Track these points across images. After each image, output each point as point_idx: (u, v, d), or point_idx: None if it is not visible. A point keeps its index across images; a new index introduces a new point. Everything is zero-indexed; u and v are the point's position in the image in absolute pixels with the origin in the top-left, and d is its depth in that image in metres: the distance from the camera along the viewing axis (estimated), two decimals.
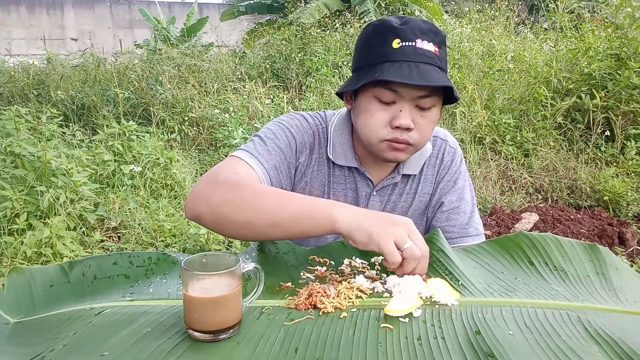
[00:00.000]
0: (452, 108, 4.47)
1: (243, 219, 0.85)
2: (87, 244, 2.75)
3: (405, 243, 0.77)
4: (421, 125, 0.99)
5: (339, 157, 1.10)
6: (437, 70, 0.95)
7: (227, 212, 0.86)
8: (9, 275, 0.80)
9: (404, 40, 0.94)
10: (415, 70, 0.93)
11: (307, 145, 1.10)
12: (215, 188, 0.89)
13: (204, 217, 0.89)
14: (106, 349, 0.63)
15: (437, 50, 0.96)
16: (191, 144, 4.72)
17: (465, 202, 1.14)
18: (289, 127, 1.09)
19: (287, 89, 5.60)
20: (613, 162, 3.95)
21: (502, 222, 3.23)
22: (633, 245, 2.90)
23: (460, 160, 1.18)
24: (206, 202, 0.88)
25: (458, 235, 1.11)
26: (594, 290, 0.77)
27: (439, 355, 0.61)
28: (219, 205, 0.87)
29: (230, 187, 0.89)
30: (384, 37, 0.96)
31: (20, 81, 5.95)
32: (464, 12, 7.62)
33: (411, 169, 1.13)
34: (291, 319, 0.70)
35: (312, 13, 6.87)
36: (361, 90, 1.01)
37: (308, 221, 0.83)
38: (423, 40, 0.95)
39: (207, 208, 0.88)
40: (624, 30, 4.27)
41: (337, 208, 0.82)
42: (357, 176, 1.12)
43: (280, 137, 1.06)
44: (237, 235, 0.90)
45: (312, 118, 1.14)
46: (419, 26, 0.96)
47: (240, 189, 0.88)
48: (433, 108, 0.99)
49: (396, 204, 1.15)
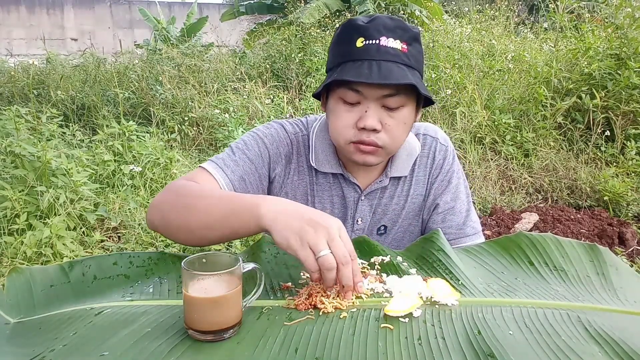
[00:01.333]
0: (452, 108, 4.47)
1: (181, 222, 0.85)
2: (87, 244, 2.75)
3: (319, 251, 0.70)
4: (390, 126, 0.95)
5: (321, 164, 1.08)
6: (403, 67, 0.92)
7: (170, 217, 0.87)
8: (9, 275, 0.80)
9: (367, 39, 0.92)
10: (375, 68, 0.90)
11: (283, 156, 1.08)
12: (166, 197, 0.91)
13: (158, 225, 0.91)
14: (106, 349, 0.63)
15: (405, 47, 0.93)
16: (191, 144, 4.72)
17: (460, 202, 1.12)
18: (263, 138, 1.07)
19: (287, 89, 5.60)
20: (613, 162, 3.95)
21: (502, 222, 3.22)
22: (633, 245, 2.90)
23: (453, 157, 1.14)
24: (158, 210, 0.90)
25: (455, 236, 1.09)
26: (594, 290, 0.77)
27: (439, 355, 0.61)
28: (166, 212, 0.89)
29: (177, 195, 0.90)
30: (350, 37, 0.94)
31: (20, 81, 5.95)
32: (464, 12, 7.63)
33: (399, 170, 1.10)
34: (291, 319, 0.70)
35: (312, 13, 6.87)
36: (330, 92, 0.99)
37: (235, 219, 0.80)
38: (388, 37, 0.92)
39: (159, 216, 0.90)
40: (624, 30, 4.27)
41: (264, 204, 0.77)
42: (343, 182, 1.10)
43: (251, 148, 1.05)
44: (182, 240, 0.89)
45: (291, 126, 1.11)
46: (385, 23, 0.93)
47: (184, 194, 0.89)
48: (402, 108, 0.95)
49: (387, 207, 1.13)
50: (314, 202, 1.11)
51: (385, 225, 1.14)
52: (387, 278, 0.80)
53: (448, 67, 4.89)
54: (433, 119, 4.44)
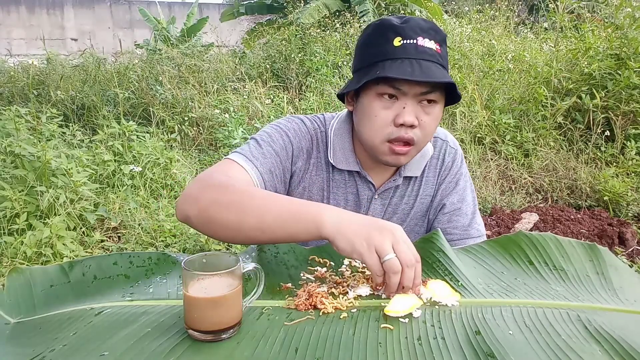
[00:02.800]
0: (452, 108, 4.47)
1: (230, 221, 0.83)
2: (87, 244, 2.75)
3: (386, 255, 0.71)
4: (424, 122, 0.97)
5: (339, 161, 1.09)
6: (439, 67, 0.95)
7: (214, 213, 0.84)
8: (9, 275, 0.80)
9: (405, 39, 0.94)
10: (417, 67, 0.92)
11: (305, 150, 1.09)
12: (205, 190, 0.88)
13: (193, 218, 0.87)
14: (106, 349, 0.63)
15: (439, 48, 0.96)
16: (191, 144, 4.72)
17: (466, 204, 1.13)
18: (287, 131, 1.07)
19: (287, 89, 5.60)
20: (613, 162, 3.95)
21: (502, 222, 3.23)
22: (633, 245, 2.90)
23: (461, 161, 1.17)
24: (195, 203, 0.87)
25: (460, 237, 1.10)
26: (593, 290, 0.77)
27: (439, 355, 0.61)
28: (207, 206, 0.85)
29: (219, 189, 0.87)
30: (385, 36, 0.96)
31: (20, 81, 5.95)
32: (464, 12, 7.63)
33: (413, 170, 1.12)
34: (291, 319, 0.70)
35: (312, 13, 6.87)
36: (363, 90, 1.00)
37: (294, 224, 0.79)
38: (424, 38, 0.94)
39: (196, 209, 0.86)
40: (624, 30, 4.27)
41: (326, 212, 0.78)
42: (358, 180, 1.11)
43: (276, 141, 1.05)
44: (226, 238, 0.88)
45: (310, 121, 1.12)
46: (420, 24, 0.96)
47: (229, 191, 0.86)
48: (436, 105, 0.98)
49: (397, 206, 1.14)
50: (328, 198, 1.12)
51: None
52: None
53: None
54: None
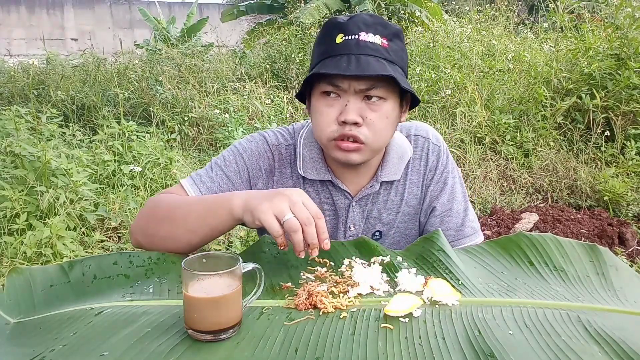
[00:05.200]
0: (452, 108, 4.47)
1: (166, 232, 0.91)
2: (87, 244, 2.75)
3: (284, 216, 0.77)
4: (371, 120, 0.94)
5: (310, 172, 1.07)
6: (382, 61, 0.92)
7: (153, 231, 0.93)
8: (9, 275, 0.80)
9: (347, 35, 0.93)
10: (354, 62, 0.90)
11: (263, 170, 1.07)
12: (143, 214, 0.97)
13: (141, 240, 0.95)
14: (106, 349, 0.63)
15: (386, 43, 0.94)
16: (191, 144, 4.72)
17: (457, 202, 1.11)
18: (242, 153, 1.07)
19: (287, 89, 5.60)
20: (613, 162, 3.95)
21: (502, 222, 3.22)
22: (633, 245, 2.90)
23: (447, 157, 1.12)
24: (139, 228, 0.96)
25: (454, 237, 1.08)
26: (593, 291, 0.77)
27: (439, 355, 0.61)
28: (146, 226, 0.95)
29: (153, 209, 0.97)
30: (330, 34, 0.96)
31: (20, 81, 5.95)
32: (464, 12, 7.63)
33: (391, 175, 1.08)
34: (291, 319, 0.70)
35: (312, 13, 6.87)
36: (312, 91, 0.99)
37: (212, 217, 0.87)
38: (368, 33, 0.93)
39: (140, 233, 0.96)
40: (624, 30, 4.26)
41: (234, 197, 0.85)
42: (332, 189, 1.08)
43: (229, 164, 1.06)
44: (172, 249, 0.91)
45: (275, 137, 1.10)
46: (364, 20, 0.95)
47: (159, 207, 0.96)
48: (383, 102, 0.95)
49: (381, 212, 1.11)
50: None
51: (380, 230, 1.12)
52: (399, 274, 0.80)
53: (448, 67, 4.89)
54: (433, 119, 4.44)
